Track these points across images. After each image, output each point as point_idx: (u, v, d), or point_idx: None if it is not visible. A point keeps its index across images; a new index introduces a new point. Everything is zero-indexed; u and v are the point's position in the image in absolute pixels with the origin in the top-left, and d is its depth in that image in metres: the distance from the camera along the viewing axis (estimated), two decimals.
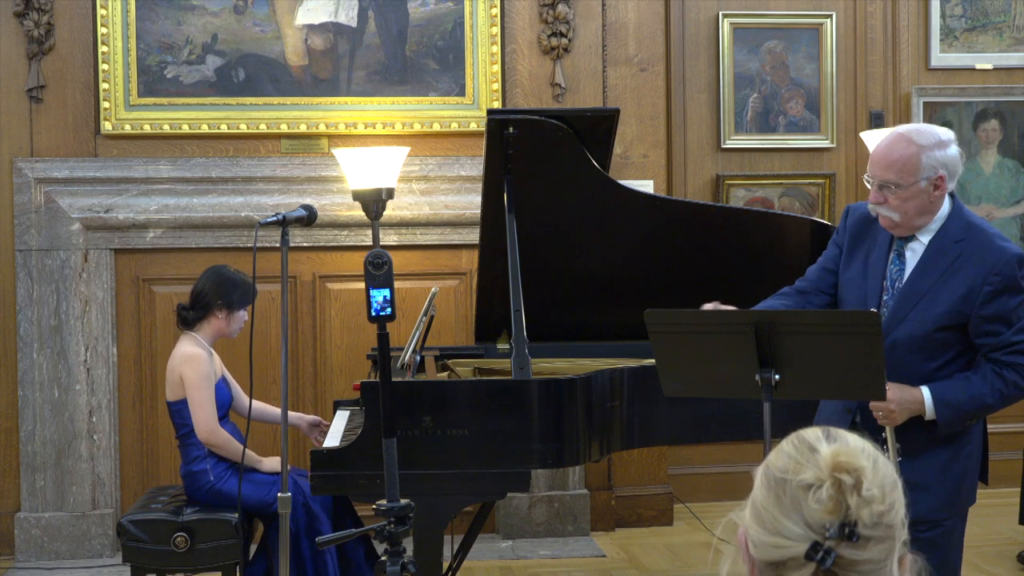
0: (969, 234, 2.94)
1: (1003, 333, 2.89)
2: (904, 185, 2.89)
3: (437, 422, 3.55)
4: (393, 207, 5.07)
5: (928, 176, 2.89)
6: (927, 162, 2.88)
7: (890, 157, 2.91)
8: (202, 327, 4.14)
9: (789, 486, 1.37)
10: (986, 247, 2.91)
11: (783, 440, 1.45)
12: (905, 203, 2.91)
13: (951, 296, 2.92)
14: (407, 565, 2.76)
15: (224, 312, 4.12)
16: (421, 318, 4.16)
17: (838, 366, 2.83)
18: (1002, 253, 2.90)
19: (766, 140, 5.84)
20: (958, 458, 2.99)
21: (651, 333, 2.97)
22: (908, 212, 2.92)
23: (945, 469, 2.97)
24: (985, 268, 2.89)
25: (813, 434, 1.42)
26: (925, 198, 2.91)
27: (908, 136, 2.92)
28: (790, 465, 1.38)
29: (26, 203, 5.18)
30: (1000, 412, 5.63)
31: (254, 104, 5.32)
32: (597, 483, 5.53)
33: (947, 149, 2.92)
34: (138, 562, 3.99)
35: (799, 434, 1.43)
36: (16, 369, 5.21)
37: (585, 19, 5.48)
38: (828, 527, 1.33)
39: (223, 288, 4.13)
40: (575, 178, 4.07)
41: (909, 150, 2.89)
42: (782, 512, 1.36)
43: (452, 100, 5.41)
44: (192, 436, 4.07)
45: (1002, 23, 6.03)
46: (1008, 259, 2.89)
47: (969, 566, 4.78)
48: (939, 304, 2.92)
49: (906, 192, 2.89)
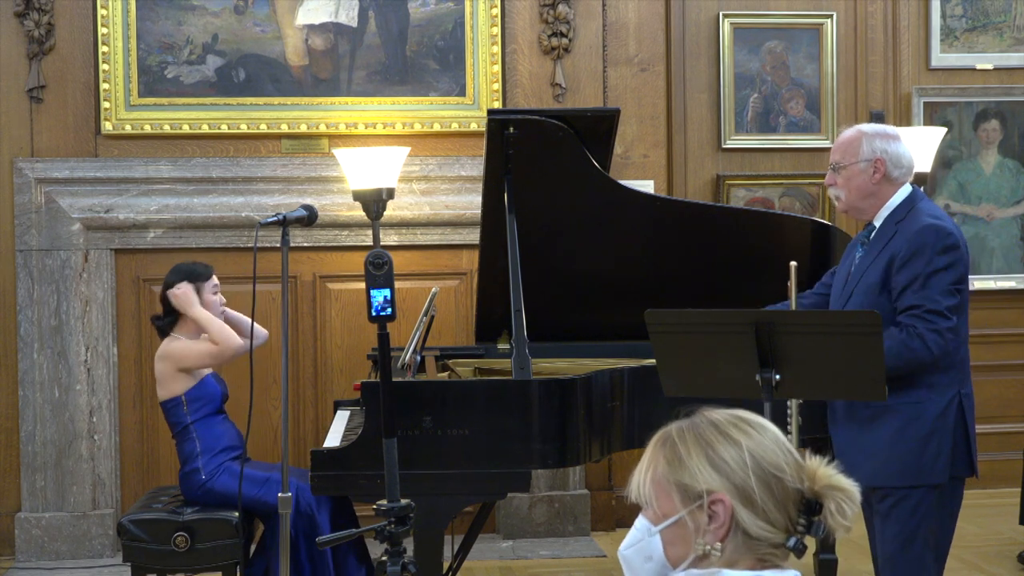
0: (909, 214, 3.16)
1: (907, 297, 3.07)
2: (845, 164, 3.22)
3: (437, 422, 3.55)
4: (393, 207, 5.07)
5: (867, 158, 3.20)
6: (867, 146, 3.21)
7: (838, 141, 3.29)
8: (178, 327, 4.17)
9: (782, 484, 1.59)
10: (914, 221, 3.13)
11: (752, 422, 1.64)
12: (848, 182, 3.22)
13: (879, 266, 3.14)
14: (407, 565, 2.76)
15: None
16: (421, 318, 4.16)
17: (838, 366, 2.83)
18: (922, 223, 3.10)
19: (766, 140, 5.84)
20: (911, 427, 3.06)
21: (651, 333, 2.97)
22: (851, 191, 3.23)
23: (897, 438, 3.07)
24: (906, 238, 3.10)
25: (781, 435, 1.65)
26: (866, 179, 3.20)
27: (859, 127, 3.30)
28: (781, 465, 1.60)
29: (26, 203, 5.18)
30: (1000, 412, 5.62)
31: (254, 104, 5.32)
32: (597, 483, 5.53)
33: (890, 141, 3.22)
34: (138, 562, 3.99)
35: (768, 430, 1.64)
36: (16, 369, 5.21)
37: (585, 19, 5.48)
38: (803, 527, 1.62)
39: (168, 281, 4.17)
40: (575, 178, 4.07)
41: (853, 135, 3.25)
42: (776, 508, 1.59)
43: (452, 100, 5.41)
44: (184, 433, 4.08)
45: (1002, 23, 6.03)
46: (923, 228, 3.08)
47: (969, 566, 4.78)
48: (871, 275, 3.15)
49: (847, 172, 3.22)
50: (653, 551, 1.63)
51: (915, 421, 3.07)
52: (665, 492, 1.62)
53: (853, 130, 3.28)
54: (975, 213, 6.03)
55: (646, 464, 1.65)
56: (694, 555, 1.60)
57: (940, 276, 3.04)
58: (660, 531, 1.62)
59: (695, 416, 1.66)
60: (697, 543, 1.59)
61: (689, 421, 1.66)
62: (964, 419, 3.11)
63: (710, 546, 1.58)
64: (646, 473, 1.64)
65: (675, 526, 1.61)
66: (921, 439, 3.06)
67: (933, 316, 3.03)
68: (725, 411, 1.66)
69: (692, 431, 1.63)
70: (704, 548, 1.58)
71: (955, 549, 5.07)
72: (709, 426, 1.63)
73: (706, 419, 1.64)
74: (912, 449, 3.07)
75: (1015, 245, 6.06)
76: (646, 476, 1.64)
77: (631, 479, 1.67)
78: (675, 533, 1.61)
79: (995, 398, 6.06)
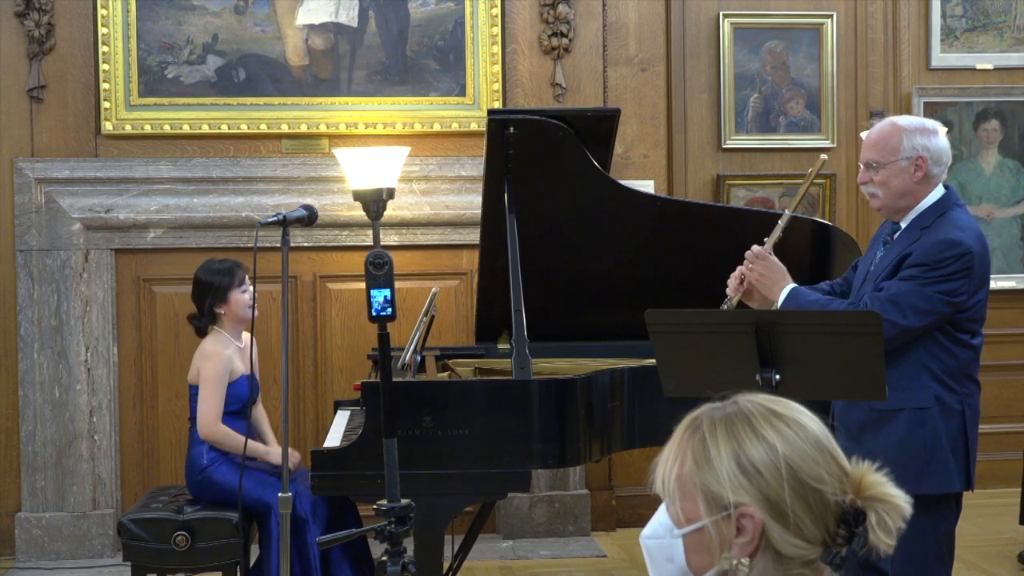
0: (936, 221, 3.08)
1: (888, 283, 3.05)
2: (884, 163, 3.10)
3: (438, 422, 3.55)
4: (394, 207, 5.07)
5: (908, 156, 3.08)
6: (907, 143, 3.09)
7: (874, 138, 3.14)
8: (219, 323, 4.19)
9: (821, 497, 1.41)
10: (939, 230, 3.05)
11: (790, 419, 1.46)
12: (887, 181, 3.10)
13: (890, 263, 3.09)
14: (407, 565, 2.76)
15: (221, 305, 4.16)
16: (422, 318, 4.16)
17: (839, 366, 2.83)
18: (945, 236, 3.02)
19: (766, 140, 5.84)
20: (916, 434, 3.03)
21: (652, 333, 2.97)
22: (890, 189, 3.11)
23: (904, 444, 3.01)
24: (923, 247, 3.04)
25: (824, 434, 1.46)
26: (906, 178, 3.09)
27: (894, 120, 3.16)
28: (822, 475, 1.42)
29: (27, 203, 5.18)
30: (1000, 412, 5.63)
31: (255, 104, 5.32)
32: (598, 483, 5.53)
33: (931, 136, 3.10)
34: (139, 561, 3.99)
35: (808, 430, 1.45)
36: (17, 369, 5.21)
37: (586, 19, 5.48)
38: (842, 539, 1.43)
39: (204, 287, 4.19)
40: (576, 178, 4.07)
41: (891, 130, 3.12)
42: (812, 520, 1.41)
43: (453, 100, 5.41)
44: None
45: (1002, 23, 6.03)
46: (941, 241, 3.01)
47: (969, 566, 4.78)
48: (886, 276, 3.09)
49: (887, 170, 3.10)
50: (675, 554, 1.47)
51: (920, 428, 3.04)
52: (690, 494, 1.45)
53: (888, 123, 3.14)
54: (975, 213, 6.02)
55: (672, 456, 1.48)
56: (718, 568, 1.43)
57: (933, 285, 3.00)
58: (682, 536, 1.46)
59: (729, 403, 1.48)
60: (723, 556, 1.42)
61: (723, 409, 1.47)
62: (969, 440, 3.08)
63: (737, 560, 1.41)
64: (671, 467, 1.47)
65: (698, 533, 1.44)
66: (928, 449, 3.03)
67: (886, 303, 3.00)
68: (762, 399, 1.48)
69: (724, 424, 1.45)
70: (730, 563, 1.41)
71: (955, 549, 5.08)
72: (743, 420, 1.44)
73: (740, 410, 1.46)
74: (916, 455, 3.02)
75: (1015, 245, 6.06)
76: (671, 471, 1.47)
77: (655, 468, 1.51)
78: (698, 541, 1.44)
79: (995, 398, 6.06)
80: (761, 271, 3.26)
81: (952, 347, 3.05)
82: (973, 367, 3.12)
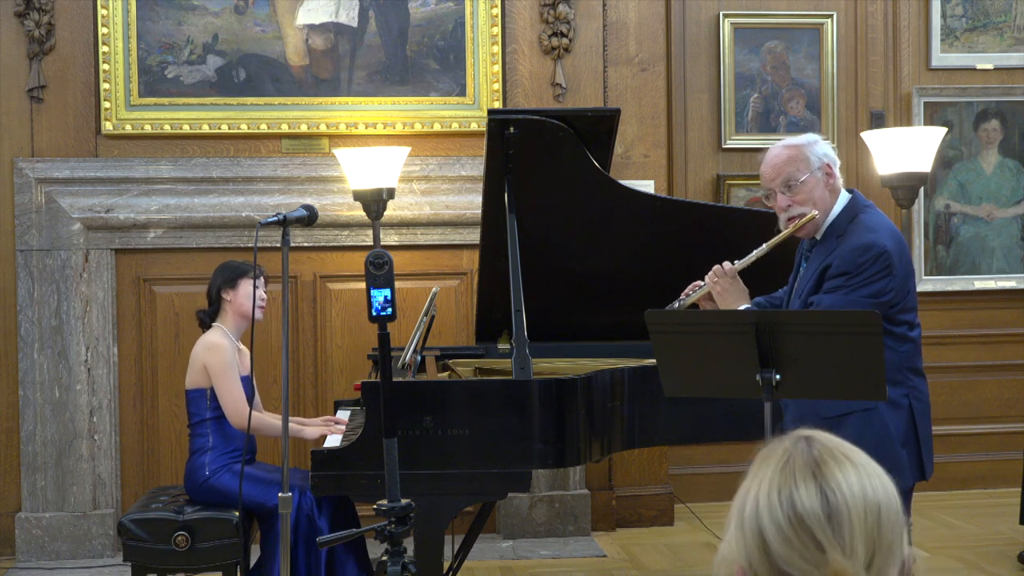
0: (848, 227, 3.15)
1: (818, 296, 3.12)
2: (801, 178, 3.16)
3: (438, 422, 3.55)
4: (394, 207, 5.07)
5: (818, 166, 3.17)
6: (812, 154, 3.18)
7: (778, 161, 3.20)
8: (222, 318, 4.18)
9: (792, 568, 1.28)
10: (852, 236, 3.12)
11: (769, 498, 1.34)
12: (811, 195, 3.16)
13: (811, 277, 3.15)
14: (408, 565, 2.76)
15: (228, 292, 4.16)
16: (422, 318, 4.16)
17: (838, 366, 2.83)
18: (859, 241, 3.09)
19: (767, 140, 5.81)
20: (866, 435, 3.02)
21: (652, 333, 2.97)
22: (817, 202, 3.16)
23: (859, 439, 2.99)
24: (841, 255, 3.10)
25: (812, 513, 1.30)
26: (822, 187, 3.18)
27: (783, 143, 3.25)
28: (794, 559, 1.27)
29: (27, 203, 5.18)
30: (1000, 412, 5.64)
31: (255, 104, 5.33)
32: (598, 483, 5.53)
33: (824, 145, 3.23)
34: (139, 561, 3.99)
35: (797, 503, 1.31)
36: (17, 369, 5.21)
37: (586, 19, 5.48)
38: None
39: (219, 274, 4.21)
40: (576, 178, 4.07)
41: (791, 151, 3.20)
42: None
43: (453, 100, 5.41)
44: (200, 427, 4.10)
45: (1003, 23, 6.03)
46: (857, 247, 3.08)
47: (969, 566, 4.78)
48: (810, 289, 3.15)
49: (807, 184, 3.16)
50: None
51: (872, 420, 3.06)
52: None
53: (780, 147, 3.22)
54: (975, 213, 6.03)
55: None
56: None
57: (858, 291, 3.06)
58: None
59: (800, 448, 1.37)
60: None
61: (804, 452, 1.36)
62: (918, 429, 3.11)
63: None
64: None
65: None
66: (884, 444, 3.03)
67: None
68: (829, 447, 1.36)
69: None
70: None
71: (955, 549, 5.09)
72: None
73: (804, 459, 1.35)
74: (872, 449, 3.03)
75: (1015, 245, 6.06)
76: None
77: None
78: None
79: (995, 398, 6.06)
80: (725, 287, 3.34)
81: (890, 343, 3.06)
82: (916, 359, 3.17)
